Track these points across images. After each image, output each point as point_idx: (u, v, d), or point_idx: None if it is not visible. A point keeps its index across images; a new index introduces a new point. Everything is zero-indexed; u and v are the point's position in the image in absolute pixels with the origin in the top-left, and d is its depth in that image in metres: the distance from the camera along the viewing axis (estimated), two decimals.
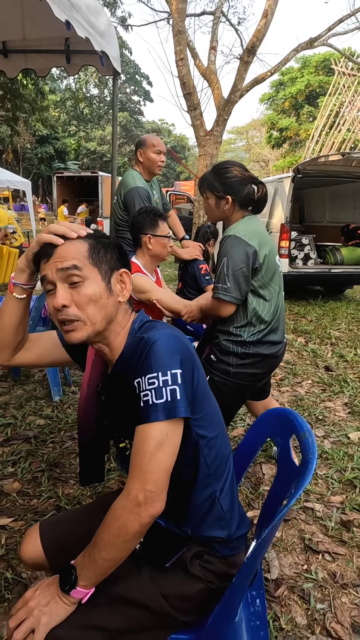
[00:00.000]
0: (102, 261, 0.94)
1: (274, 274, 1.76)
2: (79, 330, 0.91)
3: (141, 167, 2.91)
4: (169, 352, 0.87)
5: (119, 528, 0.81)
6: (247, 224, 1.75)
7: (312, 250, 6.81)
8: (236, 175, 1.74)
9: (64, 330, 0.92)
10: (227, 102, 6.39)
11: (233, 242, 1.67)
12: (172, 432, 0.84)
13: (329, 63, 25.28)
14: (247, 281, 1.68)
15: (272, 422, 1.23)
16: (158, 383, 0.84)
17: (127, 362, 0.95)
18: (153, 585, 0.92)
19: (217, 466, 0.99)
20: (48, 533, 1.09)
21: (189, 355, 0.92)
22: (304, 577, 1.66)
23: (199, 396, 0.94)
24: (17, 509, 1.97)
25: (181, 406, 0.84)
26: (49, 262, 0.90)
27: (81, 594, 0.85)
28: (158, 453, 0.82)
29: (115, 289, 0.96)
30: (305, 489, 2.14)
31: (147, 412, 0.83)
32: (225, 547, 0.99)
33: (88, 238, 0.94)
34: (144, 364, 0.87)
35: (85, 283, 0.90)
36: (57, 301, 0.88)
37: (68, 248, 0.90)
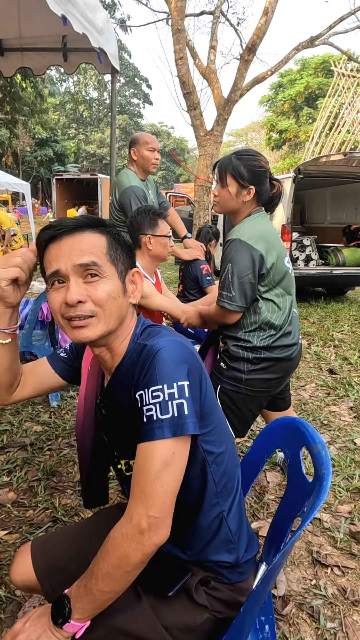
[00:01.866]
0: (119, 259, 0.87)
1: (283, 276, 1.66)
2: (91, 327, 0.82)
3: (135, 166, 2.84)
4: (174, 362, 0.79)
5: (119, 558, 0.73)
6: (252, 225, 1.65)
7: (314, 252, 6.74)
8: (262, 166, 1.64)
9: (73, 325, 0.82)
10: (227, 102, 6.33)
11: (238, 247, 1.57)
12: (179, 450, 0.76)
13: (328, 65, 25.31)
14: (253, 288, 1.59)
15: (281, 432, 1.15)
16: (163, 396, 0.75)
17: (127, 372, 0.86)
18: (154, 616, 0.84)
19: (225, 483, 0.91)
20: (40, 553, 1.01)
21: (195, 364, 0.84)
22: (313, 593, 1.57)
23: (207, 408, 0.86)
24: (11, 520, 1.89)
25: (189, 422, 0.76)
26: (61, 251, 0.81)
27: (75, 627, 0.77)
28: (163, 474, 0.74)
29: (128, 290, 0.89)
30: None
31: (151, 428, 0.75)
32: (233, 572, 0.90)
33: (105, 233, 0.86)
34: (147, 375, 0.78)
35: (104, 279, 0.82)
36: (70, 296, 0.79)
37: (86, 240, 0.83)
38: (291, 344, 1.71)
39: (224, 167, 1.66)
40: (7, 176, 11.28)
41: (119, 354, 0.90)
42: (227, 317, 1.63)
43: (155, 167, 2.88)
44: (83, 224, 0.84)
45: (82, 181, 14.91)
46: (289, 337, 1.70)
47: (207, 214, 6.75)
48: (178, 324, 1.98)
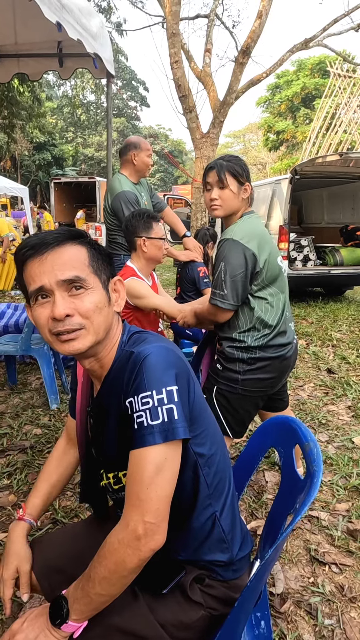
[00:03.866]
0: (101, 269, 0.88)
1: (276, 276, 1.69)
2: (81, 339, 0.82)
3: (130, 170, 2.85)
4: (162, 367, 0.80)
5: (116, 563, 0.75)
6: (245, 225, 1.68)
7: (312, 252, 6.76)
8: (246, 165, 1.73)
9: (61, 339, 0.82)
10: (223, 104, 6.35)
11: (231, 246, 1.60)
12: (171, 455, 0.77)
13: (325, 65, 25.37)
14: (245, 287, 1.62)
15: (275, 430, 1.16)
16: (153, 402, 0.77)
17: (115, 380, 0.87)
18: (150, 613, 0.85)
19: (217, 484, 0.92)
20: (38, 554, 1.02)
21: (183, 368, 0.85)
22: (311, 591, 1.58)
23: (196, 411, 0.87)
24: (12, 522, 1.90)
25: (180, 427, 0.77)
26: (44, 266, 0.80)
27: (73, 628, 0.79)
28: (157, 479, 0.75)
29: (112, 298, 0.90)
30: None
31: (143, 435, 0.76)
32: (227, 570, 0.92)
33: (85, 244, 0.86)
34: (136, 382, 0.79)
35: (89, 291, 0.83)
36: (58, 311, 0.79)
37: (68, 253, 0.82)
38: (286, 343, 1.72)
39: (220, 168, 1.67)
40: (5, 180, 11.30)
41: (107, 363, 0.90)
42: (219, 315, 1.65)
43: (149, 172, 2.93)
44: (63, 237, 0.83)
45: (80, 184, 14.94)
46: (284, 336, 1.72)
47: (204, 216, 6.78)
48: (175, 324, 2.00)
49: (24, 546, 1.00)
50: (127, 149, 2.81)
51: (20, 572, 0.96)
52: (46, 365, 3.00)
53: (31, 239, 0.83)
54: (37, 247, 0.81)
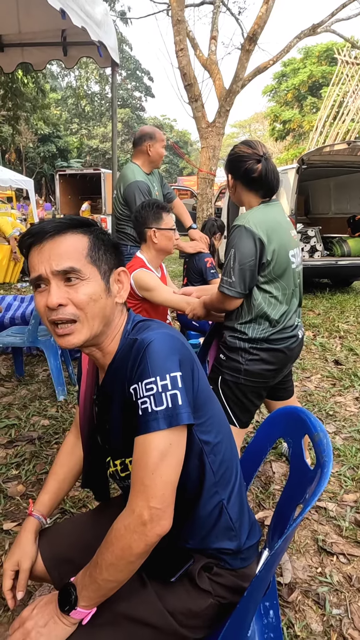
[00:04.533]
0: (102, 260, 0.87)
1: (285, 270, 1.65)
2: (76, 334, 0.83)
3: (144, 159, 2.83)
4: (166, 354, 0.80)
5: (122, 549, 0.75)
6: (259, 212, 1.65)
7: (319, 242, 6.70)
8: (236, 153, 1.66)
9: (57, 333, 0.84)
10: (229, 93, 6.25)
11: (241, 233, 1.59)
12: (176, 441, 0.77)
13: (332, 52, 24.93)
14: (253, 275, 1.60)
15: (283, 421, 1.16)
16: (157, 388, 0.77)
17: (119, 368, 0.87)
18: (159, 601, 0.85)
19: (224, 472, 0.92)
20: (47, 544, 1.03)
21: (187, 354, 0.84)
22: (319, 581, 1.59)
23: (201, 398, 0.87)
24: (21, 512, 1.92)
25: (184, 412, 0.77)
26: (42, 255, 0.82)
27: (82, 614, 0.79)
28: (162, 465, 0.75)
29: (113, 290, 0.89)
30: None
31: (147, 421, 0.76)
32: (236, 559, 0.92)
33: (88, 233, 0.86)
34: (140, 368, 0.79)
35: (84, 282, 0.83)
36: (51, 300, 0.80)
37: (66, 242, 0.83)
38: (290, 335, 1.70)
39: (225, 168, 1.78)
40: (10, 173, 11.27)
41: (111, 352, 0.91)
42: (226, 302, 1.64)
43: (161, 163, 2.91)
44: (64, 227, 0.84)
45: (85, 176, 14.87)
46: (288, 331, 1.70)
47: (210, 207, 6.72)
48: (182, 316, 1.99)
49: (29, 542, 1.00)
50: (142, 139, 2.78)
51: (20, 567, 0.96)
52: (53, 357, 3.01)
53: (34, 226, 0.84)
54: (37, 235, 0.83)
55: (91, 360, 1.01)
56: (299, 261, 1.74)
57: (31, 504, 1.08)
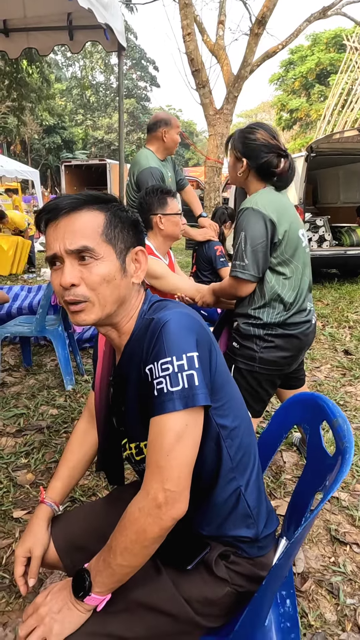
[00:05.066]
0: (118, 238, 0.84)
1: (295, 250, 1.62)
2: (87, 312, 0.82)
3: (158, 145, 2.79)
4: (183, 333, 0.77)
5: (136, 532, 0.72)
6: (265, 195, 1.62)
7: (327, 232, 6.61)
8: (257, 139, 1.60)
9: (70, 310, 0.83)
10: (237, 78, 6.14)
11: (250, 215, 1.55)
12: (192, 422, 0.74)
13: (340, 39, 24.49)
14: (266, 257, 1.56)
15: (300, 407, 1.12)
16: (173, 368, 0.74)
17: (135, 348, 0.85)
18: (175, 589, 0.83)
19: (241, 458, 0.89)
20: (59, 531, 1.01)
21: (205, 335, 0.81)
22: (332, 570, 1.57)
23: (219, 381, 0.84)
24: (30, 500, 1.92)
25: (200, 393, 0.74)
26: (57, 232, 0.80)
27: (96, 600, 0.77)
28: (177, 447, 0.72)
29: (129, 269, 0.86)
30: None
31: (162, 401, 0.73)
32: (253, 547, 0.89)
33: (105, 210, 0.83)
34: (156, 348, 0.77)
35: (98, 262, 0.81)
36: (64, 279, 0.79)
37: (81, 220, 0.80)
38: (304, 321, 1.67)
39: (228, 139, 1.72)
40: (16, 163, 11.23)
41: (127, 332, 0.88)
42: (240, 288, 1.60)
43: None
44: (79, 203, 0.81)
45: (90, 167, 14.80)
46: (302, 315, 1.67)
47: (217, 195, 6.64)
48: (190, 303, 1.96)
49: (41, 529, 0.99)
50: (157, 125, 2.74)
51: (32, 554, 0.95)
52: (61, 347, 2.99)
53: (49, 202, 0.82)
54: (52, 212, 0.81)
55: (107, 342, 0.99)
56: (306, 242, 1.72)
57: (42, 491, 1.06)
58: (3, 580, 1.51)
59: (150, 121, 2.79)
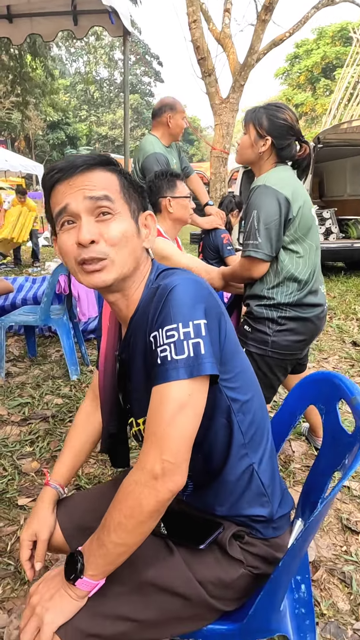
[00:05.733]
0: (132, 199, 0.81)
1: (309, 228, 1.58)
2: (107, 271, 0.76)
3: (163, 131, 2.73)
4: (190, 300, 0.72)
5: (131, 506, 0.67)
6: (278, 173, 1.58)
7: (334, 225, 6.54)
8: (287, 120, 1.57)
9: (86, 270, 0.77)
10: (244, 66, 6.05)
11: (263, 192, 1.51)
12: (196, 392, 0.69)
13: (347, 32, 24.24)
14: (279, 235, 1.51)
15: (314, 387, 1.08)
16: (178, 336, 0.69)
17: (141, 318, 0.80)
18: (188, 570, 0.79)
19: (254, 434, 0.85)
20: (65, 514, 0.98)
21: (214, 303, 0.76)
22: (344, 559, 1.53)
23: (228, 352, 0.79)
24: (35, 488, 1.89)
25: (206, 362, 0.69)
26: (72, 188, 0.76)
27: (89, 585, 0.72)
28: (178, 417, 0.67)
29: (142, 232, 0.83)
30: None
31: (166, 369, 0.69)
32: (268, 528, 0.85)
33: (117, 172, 0.80)
34: (162, 314, 0.72)
35: (116, 217, 0.77)
36: (83, 236, 0.74)
37: (96, 175, 0.77)
38: (318, 303, 1.63)
39: (249, 114, 1.64)
40: (20, 158, 11.22)
41: (134, 301, 0.84)
42: (253, 268, 1.55)
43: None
44: (94, 162, 0.78)
45: None
46: (316, 296, 1.62)
47: (223, 186, 6.57)
48: None
49: (47, 512, 0.95)
50: (162, 110, 2.68)
51: (37, 538, 0.91)
52: (66, 336, 2.96)
53: (59, 162, 0.78)
54: (65, 170, 0.76)
55: (112, 316, 0.95)
56: (317, 221, 1.68)
57: (47, 474, 1.03)
58: (8, 567, 1.48)
59: (156, 106, 2.74)
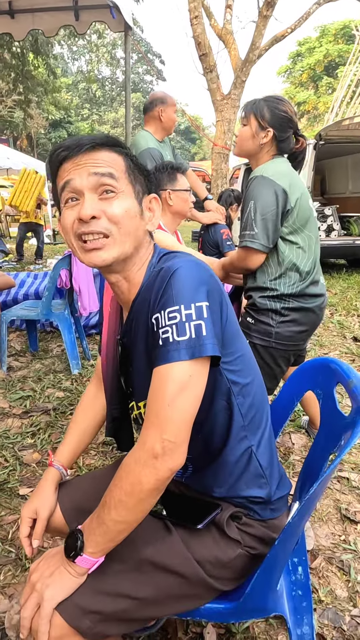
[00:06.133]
0: (137, 180, 0.82)
1: (307, 219, 1.59)
2: (107, 249, 0.77)
3: (156, 126, 2.73)
4: (192, 282, 0.73)
5: (132, 484, 0.69)
6: (275, 165, 1.59)
7: (335, 222, 6.54)
8: (287, 112, 1.59)
9: (86, 248, 0.78)
10: (245, 62, 6.05)
11: (260, 182, 1.51)
12: (197, 373, 0.70)
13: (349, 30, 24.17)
14: (277, 226, 1.52)
15: (313, 373, 1.09)
16: (180, 317, 0.70)
17: (143, 300, 0.81)
18: (186, 549, 0.81)
19: (253, 417, 0.86)
20: (66, 495, 0.99)
21: (215, 286, 0.77)
22: (342, 548, 1.54)
23: (229, 335, 0.80)
24: (37, 479, 1.90)
25: (208, 343, 0.70)
26: (77, 165, 0.77)
27: (88, 562, 0.73)
28: (179, 398, 0.68)
29: (145, 214, 0.84)
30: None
31: (167, 351, 0.69)
32: (265, 509, 0.87)
33: (124, 154, 0.81)
34: (164, 297, 0.72)
35: (120, 195, 0.77)
36: (85, 211, 0.74)
37: (102, 154, 0.78)
38: (320, 293, 1.64)
39: (249, 105, 1.64)
40: (22, 156, 11.24)
41: (136, 284, 0.85)
42: (249, 259, 1.56)
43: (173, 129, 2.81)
44: (101, 141, 0.79)
45: None
46: (317, 286, 1.63)
47: (225, 182, 6.57)
48: None
49: (49, 492, 0.97)
50: (153, 104, 2.67)
51: (37, 516, 0.93)
52: (67, 330, 2.98)
53: (66, 140, 0.79)
54: (72, 148, 0.77)
55: (114, 301, 0.96)
56: (315, 212, 1.69)
57: (51, 455, 1.04)
58: (9, 554, 1.50)
59: (147, 101, 2.74)
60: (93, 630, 0.74)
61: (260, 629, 1.25)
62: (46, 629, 0.71)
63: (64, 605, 0.73)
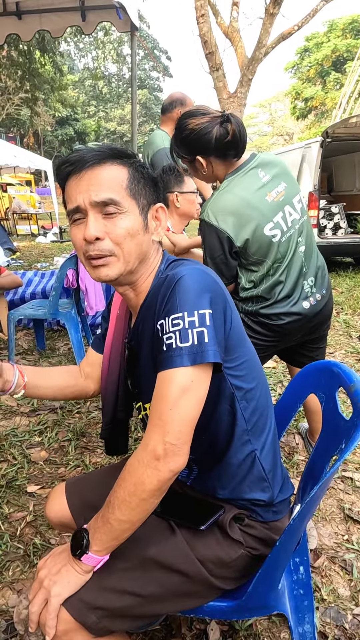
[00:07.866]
0: (141, 193, 0.84)
1: (267, 250, 1.51)
2: (111, 266, 0.81)
3: (173, 127, 2.74)
4: (196, 290, 0.75)
5: (135, 484, 0.71)
6: (220, 198, 1.49)
7: (342, 219, 6.50)
8: (194, 128, 1.43)
9: (92, 265, 0.82)
10: (252, 60, 6.03)
11: (204, 228, 1.50)
12: (198, 379, 0.73)
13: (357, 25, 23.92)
14: (228, 265, 1.52)
15: (315, 376, 1.10)
16: (183, 324, 0.73)
17: (150, 307, 0.83)
18: (189, 549, 0.83)
19: (256, 421, 0.88)
20: (74, 492, 1.02)
21: (220, 293, 0.80)
22: (345, 548, 1.55)
23: (233, 341, 0.82)
24: (44, 476, 1.94)
25: (210, 350, 0.72)
26: (80, 186, 0.79)
27: (94, 560, 0.76)
28: (181, 401, 0.71)
29: (150, 226, 0.86)
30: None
31: (171, 356, 0.72)
32: (268, 511, 0.89)
33: (128, 165, 0.83)
34: (168, 303, 0.75)
35: (123, 215, 0.80)
36: (88, 233, 0.78)
37: (104, 172, 0.80)
38: (288, 312, 1.56)
39: (170, 150, 1.61)
40: (29, 154, 11.27)
41: (144, 291, 0.88)
42: None
43: None
44: (104, 156, 0.81)
45: None
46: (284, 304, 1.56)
47: None
48: None
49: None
50: (172, 106, 2.69)
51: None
52: (74, 329, 3.00)
53: (72, 154, 0.81)
54: (76, 164, 0.80)
55: (123, 304, 0.99)
56: (281, 232, 1.53)
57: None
58: (17, 550, 1.53)
59: (166, 101, 2.75)
60: (98, 625, 0.77)
61: (263, 627, 1.28)
62: (53, 623, 0.74)
63: (71, 601, 0.76)
